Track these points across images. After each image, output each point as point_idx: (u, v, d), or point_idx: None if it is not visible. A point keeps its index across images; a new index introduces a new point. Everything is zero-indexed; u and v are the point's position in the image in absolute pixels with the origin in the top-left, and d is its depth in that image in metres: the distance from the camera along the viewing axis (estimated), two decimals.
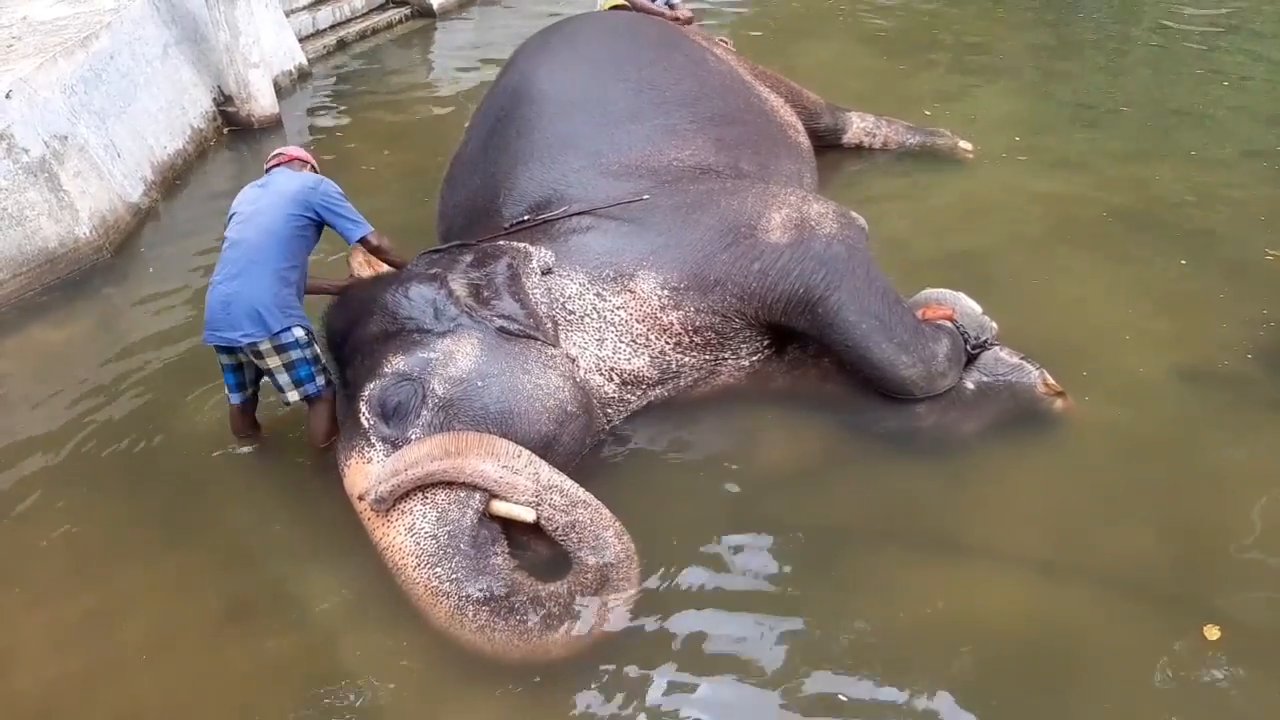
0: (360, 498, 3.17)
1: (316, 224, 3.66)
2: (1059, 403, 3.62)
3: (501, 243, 3.80)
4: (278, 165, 3.84)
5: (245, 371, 3.69)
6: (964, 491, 3.44)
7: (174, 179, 6.57)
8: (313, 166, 3.95)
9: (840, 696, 2.77)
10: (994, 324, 3.87)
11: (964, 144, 5.73)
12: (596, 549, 2.95)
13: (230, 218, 3.66)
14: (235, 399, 3.77)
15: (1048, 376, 3.65)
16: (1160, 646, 2.84)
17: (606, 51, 4.66)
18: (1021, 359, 3.72)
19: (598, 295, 3.68)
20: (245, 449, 3.90)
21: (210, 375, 4.28)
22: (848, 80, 7.21)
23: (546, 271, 3.68)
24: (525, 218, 3.96)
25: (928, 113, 6.38)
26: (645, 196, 3.88)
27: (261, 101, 7.42)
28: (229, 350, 3.58)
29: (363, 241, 3.68)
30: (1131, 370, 3.94)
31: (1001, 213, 5.19)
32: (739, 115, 4.66)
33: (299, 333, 3.54)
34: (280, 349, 3.50)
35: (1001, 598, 3.06)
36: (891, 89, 7.07)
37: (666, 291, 3.68)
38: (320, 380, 3.66)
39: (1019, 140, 6.04)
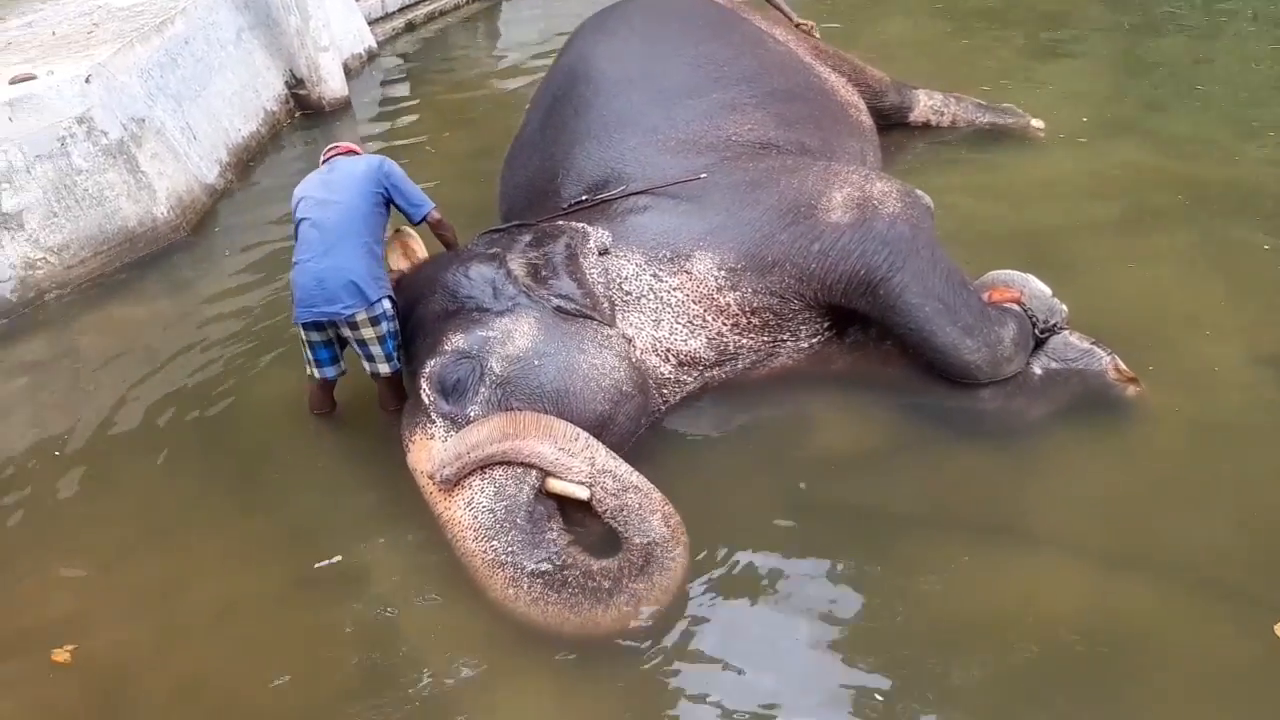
0: (424, 474, 3.23)
1: (387, 201, 3.75)
2: (1131, 389, 3.50)
3: (560, 223, 3.81)
4: (335, 156, 3.93)
5: (334, 346, 3.76)
6: (1028, 479, 3.35)
7: (248, 160, 6.74)
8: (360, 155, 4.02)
9: (894, 681, 2.73)
10: (1064, 307, 3.75)
11: (1036, 122, 5.56)
12: (643, 532, 2.96)
13: (298, 203, 3.73)
14: (329, 373, 3.81)
15: (1119, 362, 3.53)
16: (1227, 644, 2.74)
17: (663, 29, 4.63)
18: (1092, 344, 3.61)
19: (654, 276, 3.67)
20: (314, 422, 3.99)
21: (282, 349, 4.42)
22: (916, 57, 7.06)
23: (604, 251, 3.68)
24: (583, 198, 3.96)
25: (985, 88, 6.20)
26: (703, 175, 3.85)
27: (331, 84, 7.56)
28: (319, 327, 3.65)
29: (425, 219, 3.77)
30: (1208, 357, 3.79)
31: (1074, 193, 5.03)
32: (799, 92, 4.59)
33: (388, 304, 3.62)
34: (374, 320, 3.57)
35: (1063, 587, 2.98)
36: (962, 65, 6.89)
37: (723, 272, 3.65)
38: (399, 355, 3.74)
39: (1094, 119, 5.84)
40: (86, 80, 5.34)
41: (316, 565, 3.32)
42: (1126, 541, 3.09)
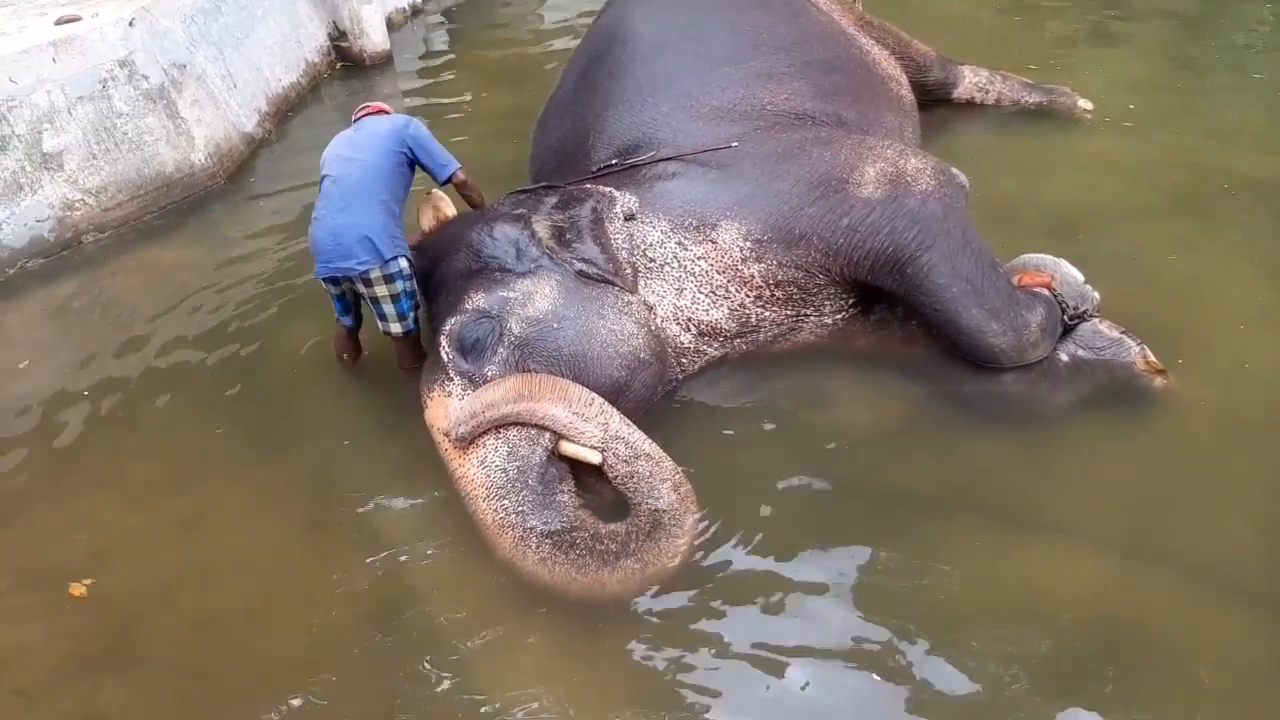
0: (440, 431, 3.26)
1: (411, 161, 3.76)
2: (1159, 381, 3.43)
3: (587, 186, 3.79)
4: (365, 115, 3.95)
5: (349, 299, 3.82)
6: (1047, 466, 3.31)
7: (287, 110, 6.78)
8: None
9: (899, 661, 2.73)
10: (1096, 294, 3.68)
11: (1083, 104, 5.42)
12: (652, 499, 2.97)
13: (325, 160, 3.76)
14: (347, 321, 3.90)
15: (1149, 353, 3.46)
16: (1241, 642, 2.70)
17: None
18: (1122, 333, 3.54)
19: (679, 244, 3.65)
20: (337, 373, 4.04)
21: (310, 299, 4.47)
22: (966, 32, 6.91)
23: (630, 217, 3.66)
24: (612, 162, 3.94)
25: (1033, 67, 6.05)
26: (734, 144, 3.81)
27: (374, 37, 7.56)
28: (335, 281, 3.70)
29: (450, 179, 3.79)
30: (1241, 351, 3.69)
31: (1117, 179, 4.91)
32: (839, 64, 4.51)
33: (404, 263, 3.65)
34: (388, 278, 3.61)
35: (1077, 577, 2.94)
36: (1012, 43, 6.74)
37: (749, 243, 3.62)
38: (414, 315, 3.77)
39: (1141, 104, 5.68)
40: (130, 23, 5.38)
41: (333, 513, 3.37)
42: (1144, 534, 3.04)
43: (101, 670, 2.92)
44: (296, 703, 2.76)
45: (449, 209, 4.00)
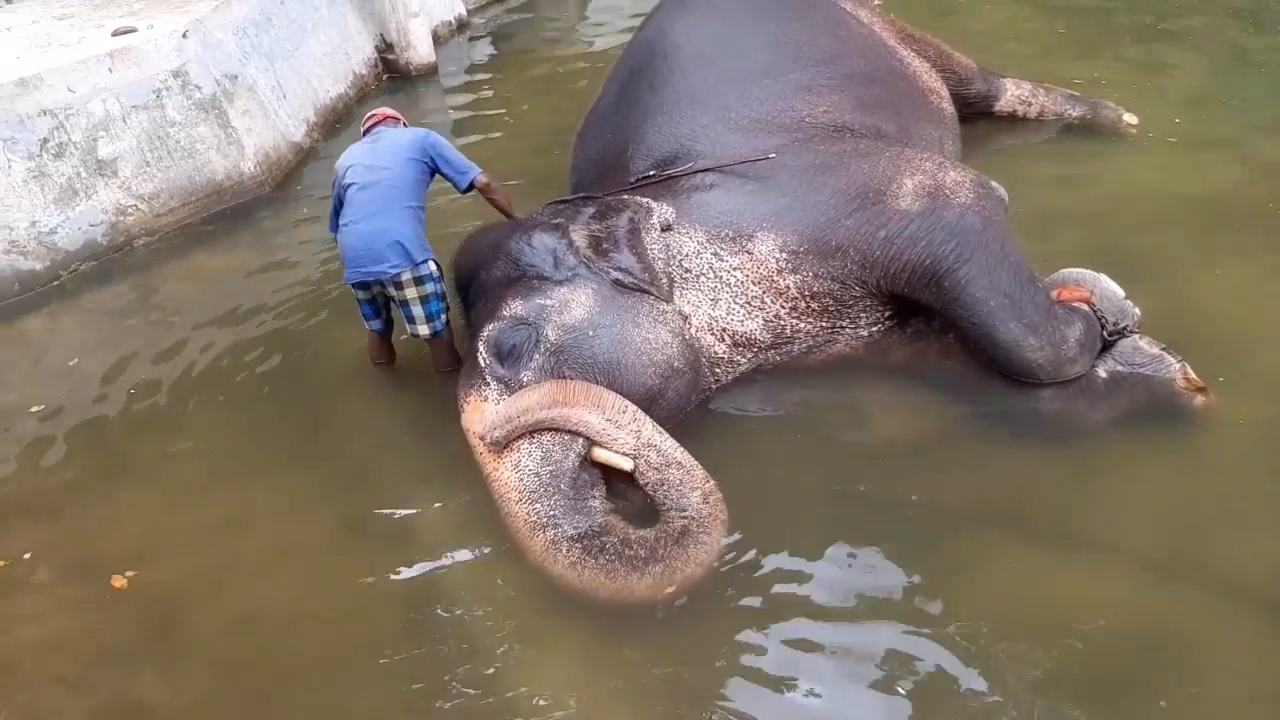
0: (476, 435, 3.30)
1: (431, 171, 3.87)
2: (1199, 399, 3.38)
3: (625, 197, 3.83)
4: (376, 124, 4.08)
5: (379, 303, 3.92)
6: (1083, 482, 3.27)
7: (334, 121, 6.91)
8: (404, 123, 4.18)
9: (927, 673, 2.70)
10: (1136, 310, 3.63)
11: (1128, 117, 5.35)
12: (681, 506, 2.98)
13: (345, 171, 3.86)
14: (376, 326, 4.00)
15: (1189, 370, 3.41)
16: (1275, 663, 2.64)
17: (743, 7, 4.57)
18: (1162, 350, 3.49)
19: (715, 255, 3.67)
20: (375, 378, 4.11)
21: (351, 305, 4.52)
22: (1010, 44, 6.87)
23: (666, 228, 3.69)
24: (650, 173, 3.97)
25: (1078, 80, 5.98)
26: (771, 155, 3.83)
27: (420, 50, 7.69)
28: (365, 286, 3.79)
29: (472, 185, 3.89)
30: None
31: (1160, 194, 4.84)
32: (879, 76, 4.51)
33: (433, 266, 3.75)
34: (419, 280, 3.71)
35: (1109, 593, 2.90)
36: (1057, 55, 6.66)
37: (785, 254, 3.63)
38: (444, 318, 3.84)
39: (1188, 119, 5.60)
40: (184, 35, 5.53)
41: (368, 514, 3.43)
42: (1179, 552, 3.00)
43: (140, 661, 3.00)
44: (328, 700, 2.81)
45: None
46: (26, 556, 3.38)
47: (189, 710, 2.84)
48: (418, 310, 3.77)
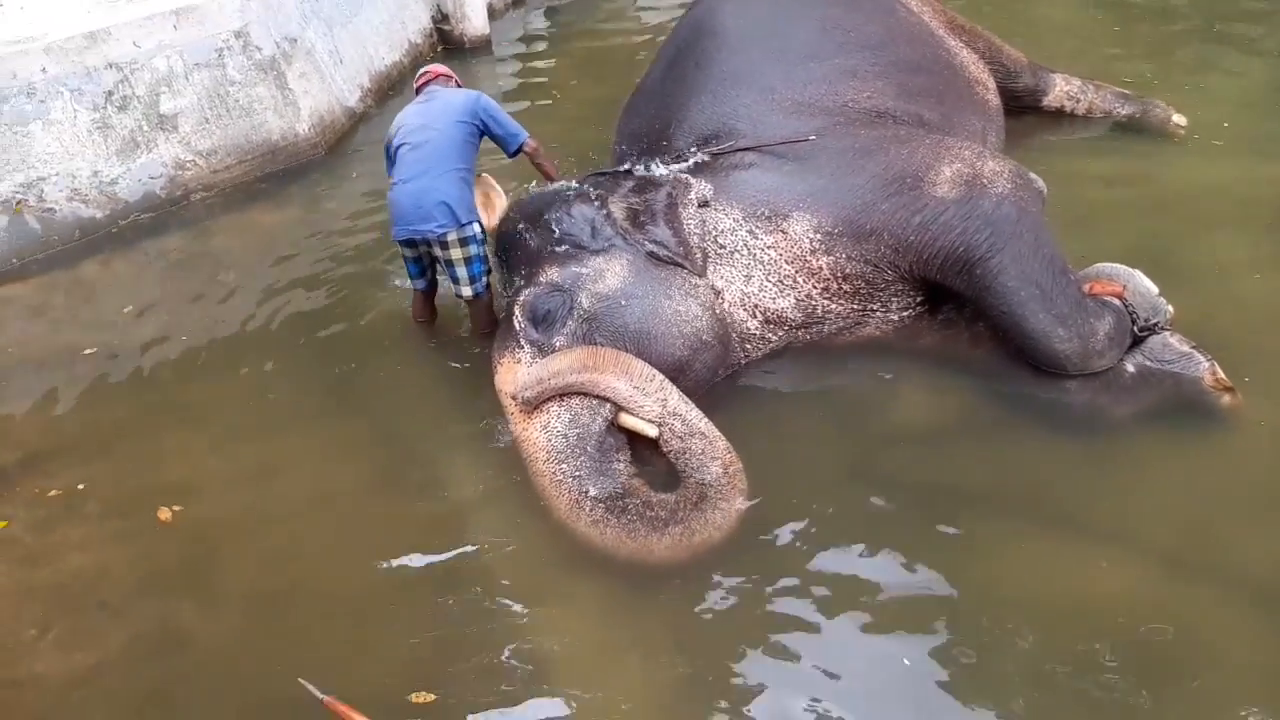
0: (508, 394, 3.42)
1: (480, 133, 3.97)
2: (1226, 398, 3.38)
3: (664, 171, 3.90)
4: (428, 82, 4.18)
5: (424, 262, 4.04)
6: (1102, 474, 3.29)
7: (387, 88, 7.05)
8: (456, 81, 4.28)
9: (939, 654, 2.75)
10: (1169, 307, 3.64)
11: (1177, 118, 5.30)
12: (700, 474, 3.07)
13: (396, 130, 3.98)
14: (420, 285, 4.13)
15: (1218, 369, 3.41)
16: None
17: None
18: (1192, 348, 3.49)
19: (750, 232, 3.73)
20: (416, 337, 4.25)
21: (395, 265, 4.68)
22: (1063, 39, 6.80)
23: (703, 204, 3.76)
24: (692, 149, 4.03)
25: (1128, 79, 5.93)
26: (812, 137, 3.87)
27: (474, 22, 7.79)
28: (411, 244, 3.91)
29: (520, 148, 4.01)
30: None
31: (1203, 195, 4.80)
32: (925, 65, 4.52)
33: (477, 228, 3.86)
34: (464, 241, 3.82)
35: (1122, 585, 2.93)
36: (1110, 52, 6.59)
37: (819, 235, 3.69)
38: (485, 280, 3.95)
39: (1236, 122, 5.52)
40: None
41: (402, 464, 3.56)
42: (1195, 549, 3.02)
43: (180, 591, 3.15)
44: (355, 638, 2.94)
45: (499, 198, 4.11)
46: (79, 488, 3.55)
47: (223, 641, 2.99)
48: (461, 271, 3.88)
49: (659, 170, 3.97)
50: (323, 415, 3.88)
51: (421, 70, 4.30)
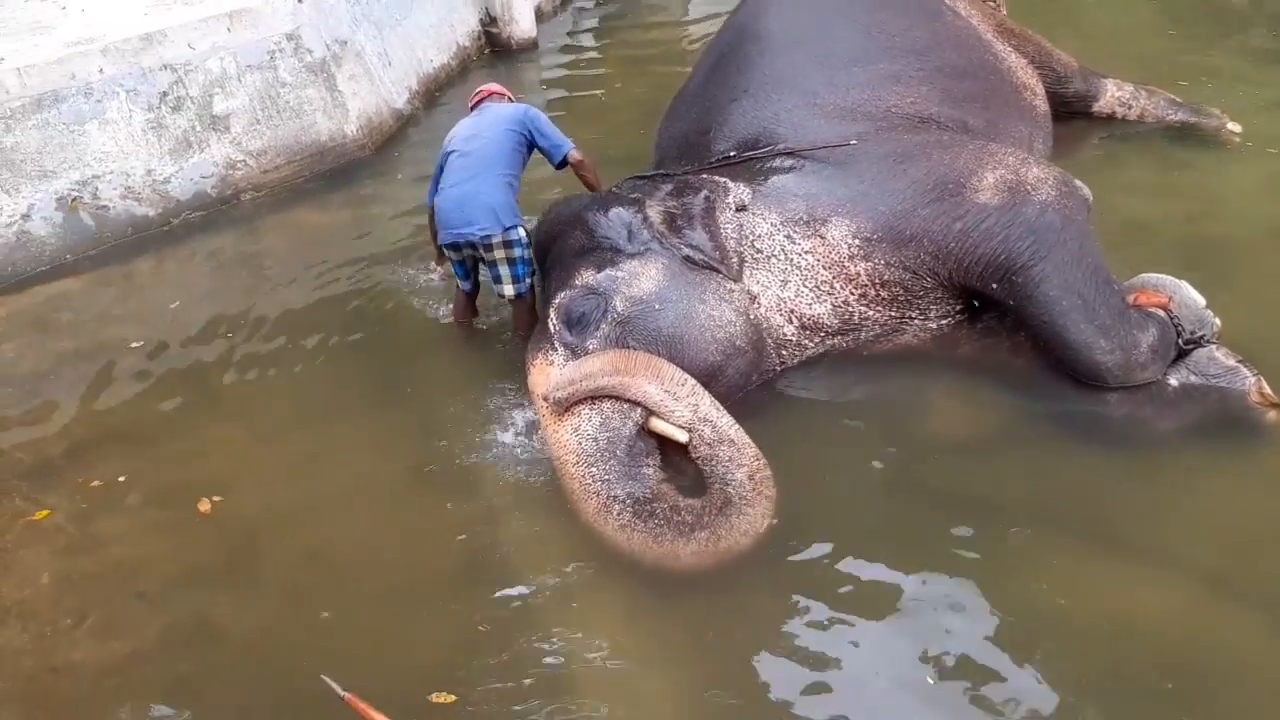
0: (540, 396, 3.43)
1: (529, 144, 4.03)
2: (1272, 415, 3.29)
3: (703, 175, 3.90)
4: (482, 100, 4.29)
5: (469, 265, 4.10)
6: (1142, 490, 3.22)
7: (435, 91, 7.12)
8: (509, 98, 4.36)
9: (971, 668, 2.71)
10: (1216, 320, 3.55)
11: (1232, 125, 5.16)
12: (725, 481, 3.06)
13: (449, 140, 4.07)
14: (465, 286, 4.19)
15: (1264, 385, 3.32)
16: None
17: None
18: (1239, 362, 3.41)
19: (787, 237, 3.71)
20: (455, 334, 4.31)
21: (438, 269, 4.72)
22: (1116, 43, 6.66)
23: (741, 208, 3.75)
24: (731, 153, 4.03)
25: (1184, 83, 5.79)
26: (853, 141, 3.84)
27: (522, 25, 7.85)
28: (456, 247, 3.96)
29: (565, 159, 4.04)
30: None
31: (1255, 206, 4.66)
32: (971, 70, 4.46)
33: (521, 232, 3.90)
34: (508, 244, 3.87)
35: (1158, 604, 2.87)
36: (1164, 57, 6.43)
37: (857, 241, 3.65)
38: (529, 281, 3.99)
39: None
40: (299, 0, 5.77)
41: (438, 462, 3.59)
42: (1235, 570, 2.94)
43: (216, 583, 3.21)
44: (387, 633, 2.97)
45: None
46: (121, 480, 3.64)
47: (257, 633, 3.04)
48: (504, 271, 3.93)
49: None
50: (362, 410, 3.93)
51: (477, 90, 4.40)
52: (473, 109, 4.31)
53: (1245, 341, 3.56)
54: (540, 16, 8.30)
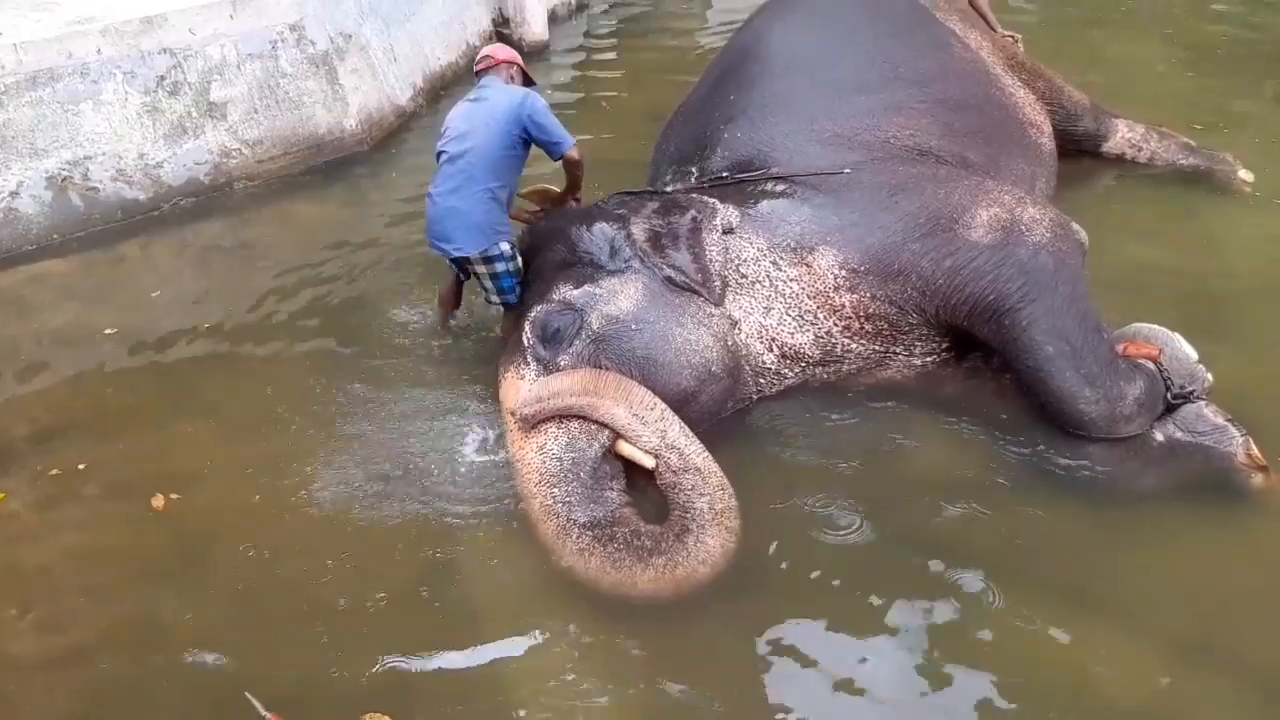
0: (508, 410, 3.36)
1: (526, 141, 3.87)
2: (1258, 478, 3.20)
3: (692, 195, 3.83)
4: (486, 69, 4.08)
5: (458, 262, 3.99)
6: (1117, 548, 3.13)
7: (440, 89, 7.07)
8: (520, 67, 4.16)
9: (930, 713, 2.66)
10: (1209, 376, 3.46)
11: (1244, 173, 5.05)
12: (685, 508, 2.99)
13: (445, 129, 3.92)
14: (453, 275, 4.13)
15: (1252, 446, 3.23)
16: None
17: (845, 19, 4.50)
18: (1227, 420, 3.32)
19: (774, 263, 3.64)
20: (438, 338, 4.25)
21: (426, 265, 4.67)
22: (1129, 83, 6.56)
23: (728, 231, 3.67)
24: (723, 175, 3.95)
25: (1198, 127, 5.70)
26: (847, 170, 3.76)
27: (534, 27, 7.80)
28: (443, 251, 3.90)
29: (564, 157, 3.90)
30: None
31: (1263, 258, 4.56)
32: (975, 104, 4.37)
33: (504, 247, 3.79)
34: (487, 261, 3.79)
35: (1125, 666, 2.77)
36: (1178, 99, 6.33)
37: (844, 271, 3.57)
38: (518, 291, 3.90)
39: None
40: None
41: (404, 469, 3.52)
42: (1207, 635, 2.85)
43: (164, 582, 3.14)
44: (335, 642, 2.90)
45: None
46: (81, 468, 3.58)
47: (202, 634, 2.96)
48: (489, 284, 3.87)
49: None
50: (335, 411, 3.85)
51: (483, 53, 4.18)
52: (478, 76, 4.09)
53: (1236, 398, 3.46)
54: (554, 19, 8.25)
